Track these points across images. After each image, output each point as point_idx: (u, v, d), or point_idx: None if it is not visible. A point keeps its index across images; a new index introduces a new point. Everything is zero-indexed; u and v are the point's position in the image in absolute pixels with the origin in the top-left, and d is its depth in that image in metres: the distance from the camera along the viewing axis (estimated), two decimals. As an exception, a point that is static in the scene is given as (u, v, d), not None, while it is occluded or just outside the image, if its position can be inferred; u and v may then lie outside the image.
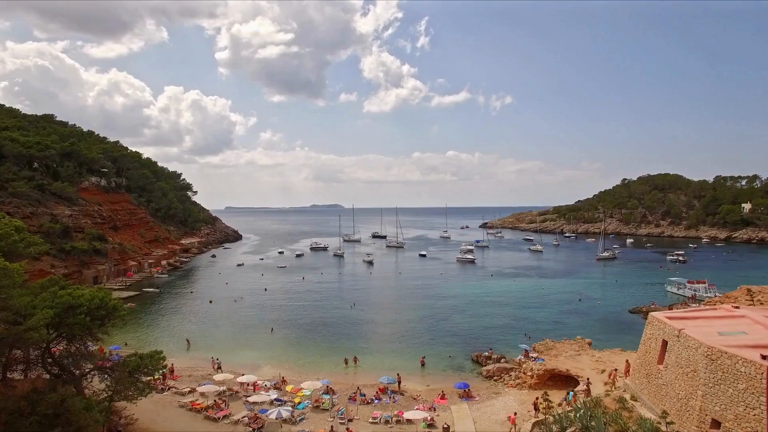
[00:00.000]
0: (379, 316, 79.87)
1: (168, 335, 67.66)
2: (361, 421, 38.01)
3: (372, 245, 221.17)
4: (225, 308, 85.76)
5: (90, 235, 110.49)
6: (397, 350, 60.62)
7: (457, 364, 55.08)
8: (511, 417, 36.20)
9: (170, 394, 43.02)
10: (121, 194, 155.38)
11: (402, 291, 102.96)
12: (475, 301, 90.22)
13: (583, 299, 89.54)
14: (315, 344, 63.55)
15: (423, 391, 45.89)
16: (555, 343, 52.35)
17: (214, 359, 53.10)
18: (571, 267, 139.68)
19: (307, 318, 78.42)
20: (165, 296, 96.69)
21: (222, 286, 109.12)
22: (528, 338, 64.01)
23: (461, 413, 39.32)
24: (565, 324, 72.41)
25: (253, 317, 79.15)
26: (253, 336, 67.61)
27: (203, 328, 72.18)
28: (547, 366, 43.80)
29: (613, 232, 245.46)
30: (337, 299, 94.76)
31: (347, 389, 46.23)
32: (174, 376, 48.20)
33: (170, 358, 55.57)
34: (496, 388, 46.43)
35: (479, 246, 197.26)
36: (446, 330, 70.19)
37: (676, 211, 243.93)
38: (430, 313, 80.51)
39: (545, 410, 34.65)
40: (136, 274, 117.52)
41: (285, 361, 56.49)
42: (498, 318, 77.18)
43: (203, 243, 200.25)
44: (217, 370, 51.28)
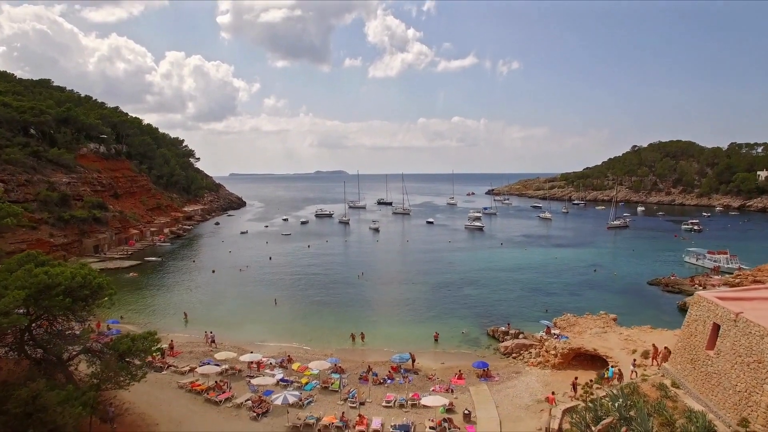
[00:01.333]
0: (388, 287, 77.11)
1: (168, 308, 65.09)
2: (374, 404, 35.33)
3: (377, 212, 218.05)
4: (228, 278, 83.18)
5: (89, 203, 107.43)
6: (408, 324, 57.90)
7: (472, 339, 52.31)
8: (550, 397, 33.37)
9: (169, 373, 40.43)
10: (122, 161, 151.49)
11: (410, 260, 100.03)
12: (486, 271, 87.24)
13: (599, 270, 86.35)
14: (321, 318, 60.90)
15: (438, 370, 43.17)
16: (577, 318, 49.31)
17: (207, 333, 50.51)
18: (581, 235, 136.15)
19: (312, 289, 75.74)
20: (167, 266, 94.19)
21: (225, 255, 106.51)
22: (545, 312, 61.15)
23: (481, 395, 36.55)
24: (581, 296, 69.43)
25: (257, 288, 76.54)
26: (257, 308, 65.00)
27: (205, 299, 69.64)
28: (572, 344, 40.77)
29: (623, 200, 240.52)
30: (343, 269, 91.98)
31: (357, 367, 43.57)
32: (174, 352, 45.61)
33: (170, 332, 53.27)
34: (516, 366, 43.64)
35: (487, 213, 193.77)
36: (458, 302, 67.37)
37: (688, 178, 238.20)
38: (440, 284, 77.63)
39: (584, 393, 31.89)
40: (138, 243, 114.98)
41: (290, 336, 53.89)
42: (511, 289, 74.25)
43: (207, 210, 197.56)
44: (210, 344, 48.78)
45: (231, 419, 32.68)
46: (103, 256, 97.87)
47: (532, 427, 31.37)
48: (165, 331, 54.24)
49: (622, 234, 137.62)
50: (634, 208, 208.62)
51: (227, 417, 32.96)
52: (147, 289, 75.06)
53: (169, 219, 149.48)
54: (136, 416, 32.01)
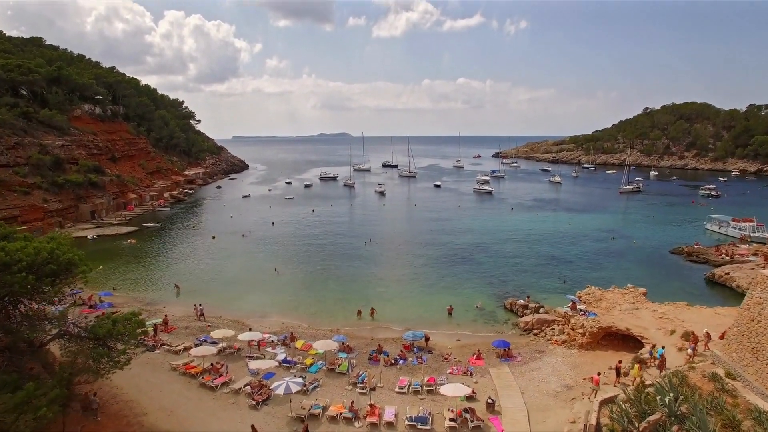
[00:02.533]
0: (396, 254, 73.52)
1: (165, 278, 61.73)
2: (386, 390, 32.07)
3: (383, 175, 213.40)
4: (229, 245, 79.74)
5: (85, 167, 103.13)
6: (419, 296, 54.49)
7: (488, 314, 48.86)
8: (595, 378, 30.03)
9: (162, 352, 37.22)
10: (119, 123, 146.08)
11: (418, 226, 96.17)
12: (498, 238, 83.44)
13: (617, 237, 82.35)
14: (327, 288, 57.52)
15: (454, 349, 39.87)
16: (603, 292, 45.59)
17: (196, 306, 47.06)
18: (594, 200, 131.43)
19: (317, 257, 72.27)
20: (166, 232, 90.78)
21: (226, 220, 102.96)
22: (563, 283, 57.60)
23: (503, 379, 33.22)
24: (600, 266, 65.70)
25: (259, 256, 73.10)
26: (258, 278, 61.62)
27: (203, 268, 66.25)
28: (602, 323, 37.18)
29: (634, 164, 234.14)
30: (349, 235, 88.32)
31: (366, 345, 40.32)
32: (168, 328, 42.36)
33: (165, 305, 50.05)
34: (538, 344, 40.24)
35: (495, 176, 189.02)
36: (471, 271, 63.82)
37: (703, 142, 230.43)
38: (450, 252, 73.99)
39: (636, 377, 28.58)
40: (137, 208, 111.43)
41: (293, 308, 50.61)
42: (525, 257, 70.57)
43: (208, 174, 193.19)
44: (199, 317, 45.61)
45: (228, 407, 29.49)
46: (100, 222, 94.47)
47: (563, 418, 28.03)
48: (161, 304, 51.30)
49: (636, 199, 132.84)
50: (645, 172, 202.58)
51: (224, 405, 29.76)
52: (144, 258, 71.76)
53: (169, 183, 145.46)
54: (123, 404, 28.86)
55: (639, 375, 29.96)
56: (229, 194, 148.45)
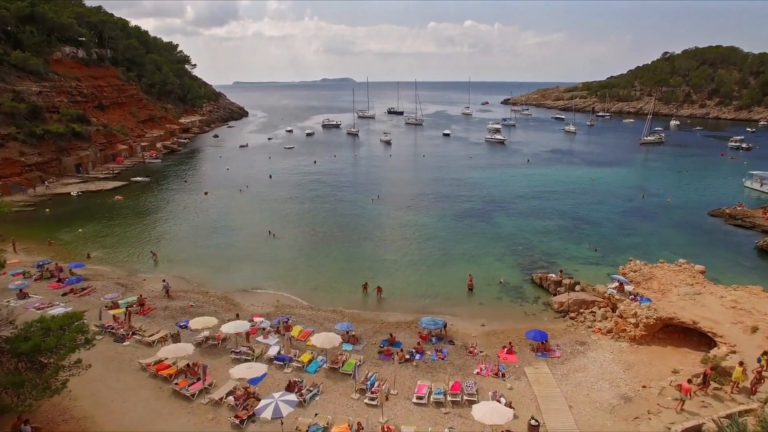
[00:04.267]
0: (406, 214, 66.71)
1: (148, 242, 55.35)
2: (401, 399, 26.12)
3: (388, 122, 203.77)
4: (222, 202, 73.05)
5: (67, 115, 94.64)
6: (434, 266, 48.08)
7: (514, 289, 42.52)
8: (684, 385, 23.93)
9: (133, 343, 31.21)
10: (106, 68, 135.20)
11: (428, 180, 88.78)
12: (516, 195, 76.39)
13: (647, 196, 75.04)
14: (328, 256, 51.15)
15: (479, 336, 33.81)
16: (651, 268, 38.93)
17: (165, 283, 40.46)
18: (614, 152, 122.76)
19: (318, 217, 65.65)
20: (155, 187, 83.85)
21: (222, 173, 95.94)
22: (596, 251, 51.05)
23: (544, 385, 27.20)
24: (635, 230, 58.86)
25: (254, 215, 66.45)
26: (252, 243, 55.17)
27: (191, 231, 59.71)
28: (660, 312, 30.75)
29: (650, 112, 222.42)
30: (354, 190, 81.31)
31: (374, 332, 34.29)
32: (144, 310, 36.27)
33: (145, 278, 43.94)
34: (577, 333, 34.07)
35: (506, 125, 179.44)
36: (489, 235, 57.24)
37: (727, 89, 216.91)
38: (465, 212, 67.19)
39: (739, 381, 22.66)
40: (127, 160, 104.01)
41: (290, 281, 44.37)
42: (549, 218, 63.79)
43: (205, 122, 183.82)
44: (166, 294, 39.40)
45: (205, 425, 23.65)
46: (85, 176, 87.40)
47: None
48: (141, 275, 45.21)
49: (658, 151, 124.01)
50: (665, 121, 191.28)
51: (200, 421, 23.89)
52: (128, 217, 65.17)
53: (163, 132, 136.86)
54: (73, 425, 23.01)
55: (742, 378, 23.93)
56: (226, 144, 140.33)
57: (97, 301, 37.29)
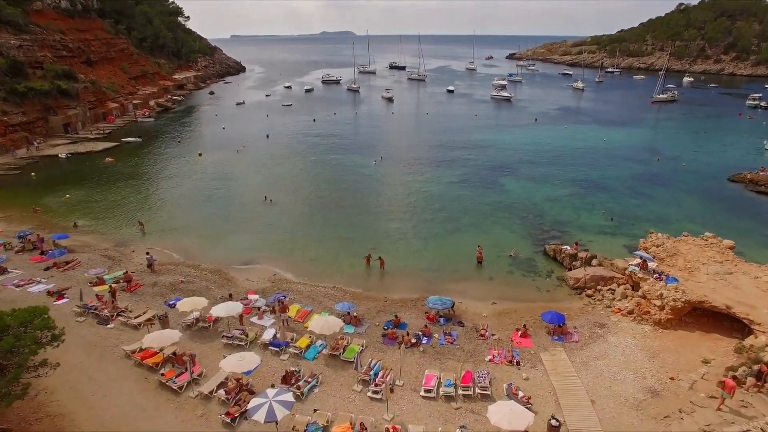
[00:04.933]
0: (410, 178, 63.54)
1: (138, 209, 52.55)
2: (407, 391, 24.02)
3: (390, 78, 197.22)
4: (216, 164, 69.76)
5: (52, 71, 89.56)
6: (440, 235, 45.41)
7: (526, 262, 40.00)
8: (728, 382, 21.62)
9: (118, 326, 28.96)
10: (92, 20, 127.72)
11: (432, 140, 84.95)
12: (524, 157, 72.94)
13: (662, 159, 71.56)
14: (328, 224, 48.44)
15: (490, 317, 31.55)
16: (674, 242, 36.25)
17: (148, 256, 37.70)
18: (625, 111, 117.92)
19: (318, 180, 62.64)
20: (147, 148, 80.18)
21: (218, 133, 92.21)
22: (611, 220, 48.25)
23: (562, 375, 25.06)
24: (650, 197, 55.83)
25: (250, 179, 63.40)
26: (247, 209, 52.33)
27: (183, 196, 56.79)
28: (689, 295, 28.29)
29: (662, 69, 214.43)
30: (355, 151, 77.78)
31: (377, 311, 32.04)
32: (132, 286, 33.88)
33: (134, 249, 41.39)
34: (595, 312, 31.76)
35: (512, 80, 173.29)
36: (498, 202, 54.38)
37: (745, 42, 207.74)
38: (472, 175, 64.03)
39: None
40: (118, 119, 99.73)
41: (287, 253, 41.79)
42: (560, 183, 60.72)
43: (200, 77, 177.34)
44: (149, 267, 36.96)
45: (193, 422, 21.61)
46: (74, 137, 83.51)
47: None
48: (130, 246, 42.66)
49: (671, 110, 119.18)
50: (677, 78, 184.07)
51: (189, 418, 21.85)
52: (119, 182, 62.05)
53: (156, 89, 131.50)
54: (48, 423, 20.94)
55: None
56: (222, 101, 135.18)
57: (81, 277, 34.95)
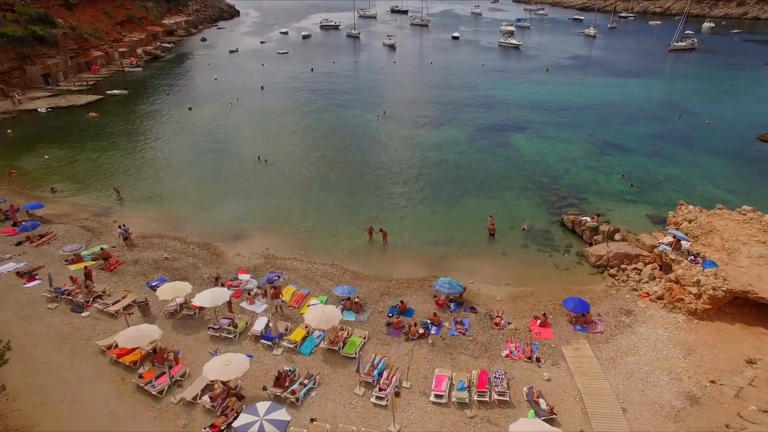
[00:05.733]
0: (414, 135, 59.35)
1: (121, 172, 48.81)
2: (415, 395, 21.41)
3: (392, 23, 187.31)
4: (206, 119, 65.26)
5: (25, 15, 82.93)
6: (447, 201, 42.01)
7: (542, 234, 36.78)
8: None
9: (93, 313, 26.11)
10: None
11: (438, 93, 79.76)
12: (536, 111, 68.35)
13: (683, 115, 66.88)
14: (327, 188, 44.86)
15: (504, 300, 28.70)
16: (708, 216, 32.82)
17: (121, 229, 34.27)
18: (641, 60, 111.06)
19: (316, 137, 58.56)
20: (134, 101, 75.07)
21: (209, 84, 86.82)
22: (631, 186, 44.59)
23: (588, 376, 22.41)
24: (671, 158, 51.87)
25: (242, 136, 59.26)
26: (239, 171, 48.52)
27: (169, 156, 52.72)
28: (732, 284, 25.24)
29: (679, 13, 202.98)
30: (355, 104, 73.03)
31: (380, 293, 29.17)
32: (111, 265, 30.79)
33: (116, 219, 38.08)
34: (620, 296, 28.85)
35: (520, 26, 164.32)
36: (509, 163, 50.60)
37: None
38: (481, 132, 59.87)
39: None
40: (103, 69, 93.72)
41: (282, 222, 38.56)
42: (574, 141, 56.74)
43: (191, 23, 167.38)
44: (125, 241, 33.72)
45: (174, 436, 19.12)
46: (56, 89, 78.23)
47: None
48: (113, 214, 39.36)
49: (691, 60, 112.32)
50: (696, 24, 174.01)
51: (169, 430, 19.32)
52: (103, 140, 57.81)
53: (144, 35, 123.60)
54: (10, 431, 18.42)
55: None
56: (215, 48, 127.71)
57: (57, 253, 31.84)
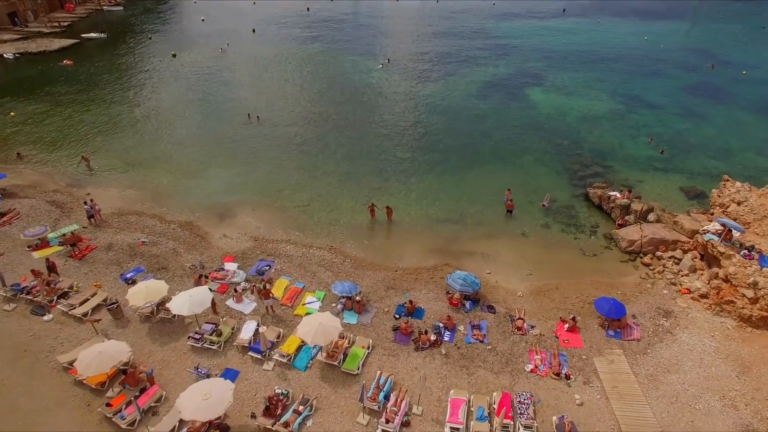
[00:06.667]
0: (420, 87, 54.02)
1: (96, 132, 44.06)
2: (428, 424, 18.44)
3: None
4: (191, 69, 59.39)
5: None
6: (459, 169, 37.86)
7: (565, 211, 32.85)
8: None
9: (57, 316, 22.73)
10: None
11: (446, 38, 72.98)
12: (552, 59, 62.67)
13: (716, 64, 61.02)
14: (324, 151, 40.37)
15: (526, 296, 25.31)
16: (760, 196, 28.81)
17: (87, 206, 29.71)
18: None
19: (312, 91, 53.31)
20: (112, 47, 68.24)
21: (196, 25, 79.94)
22: (661, 153, 40.13)
23: (627, 397, 19.35)
24: (706, 117, 47.10)
25: (231, 88, 53.90)
26: (227, 131, 43.72)
27: (148, 115, 47.33)
28: (794, 286, 21.76)
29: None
30: (356, 49, 66.92)
31: (386, 286, 25.78)
32: (81, 251, 27.08)
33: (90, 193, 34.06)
34: (656, 291, 25.45)
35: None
36: (525, 122, 45.92)
37: None
38: (493, 84, 54.73)
39: None
40: (80, 7, 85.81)
41: (274, 194, 34.48)
42: (596, 96, 51.77)
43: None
44: (90, 220, 29.58)
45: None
46: (24, 31, 71.33)
47: None
48: (84, 186, 35.27)
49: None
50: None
51: (139, 476, 16.47)
52: (76, 93, 52.24)
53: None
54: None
55: None
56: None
57: (19, 237, 28.07)
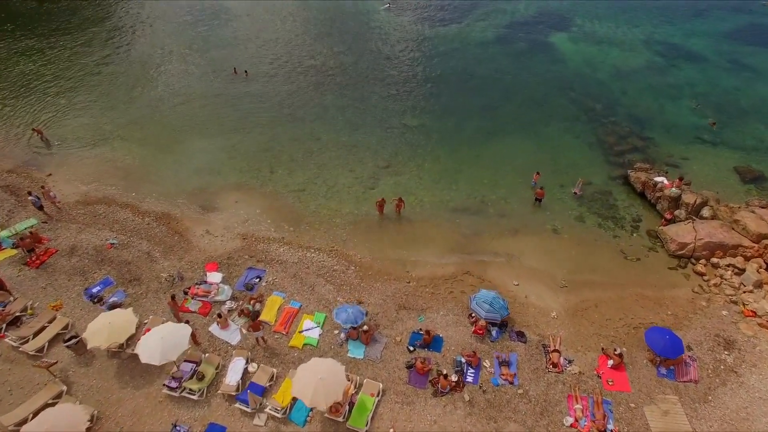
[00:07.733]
0: (430, 34, 47.70)
1: (60, 91, 38.41)
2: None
3: None
4: (167, 13, 52.47)
5: None
6: (475, 138, 32.96)
7: (601, 199, 28.27)
8: None
9: (5, 353, 18.90)
10: None
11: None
12: (579, 3, 55.15)
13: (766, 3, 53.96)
14: (324, 119, 35.20)
15: (560, 317, 21.48)
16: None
17: (32, 194, 25.21)
18: None
19: (307, 39, 47.01)
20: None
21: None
22: (713, 125, 34.80)
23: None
24: (760, 73, 41.21)
25: (212, 38, 47.42)
26: (209, 90, 38.10)
27: (117, 73, 40.93)
28: None
29: None
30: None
31: (396, 303, 21.94)
32: (38, 257, 22.82)
33: (48, 170, 29.48)
34: (713, 312, 21.55)
35: None
36: (550, 78, 40.45)
37: None
38: (512, 29, 48.56)
39: None
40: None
41: (266, 174, 29.80)
42: (630, 46, 45.73)
43: None
44: (40, 211, 25.05)
45: None
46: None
47: None
48: (45, 167, 30.58)
49: None
50: None
51: None
52: (40, 39, 45.98)
53: None
54: None
55: None
56: None
57: (-38, 237, 23.89)
